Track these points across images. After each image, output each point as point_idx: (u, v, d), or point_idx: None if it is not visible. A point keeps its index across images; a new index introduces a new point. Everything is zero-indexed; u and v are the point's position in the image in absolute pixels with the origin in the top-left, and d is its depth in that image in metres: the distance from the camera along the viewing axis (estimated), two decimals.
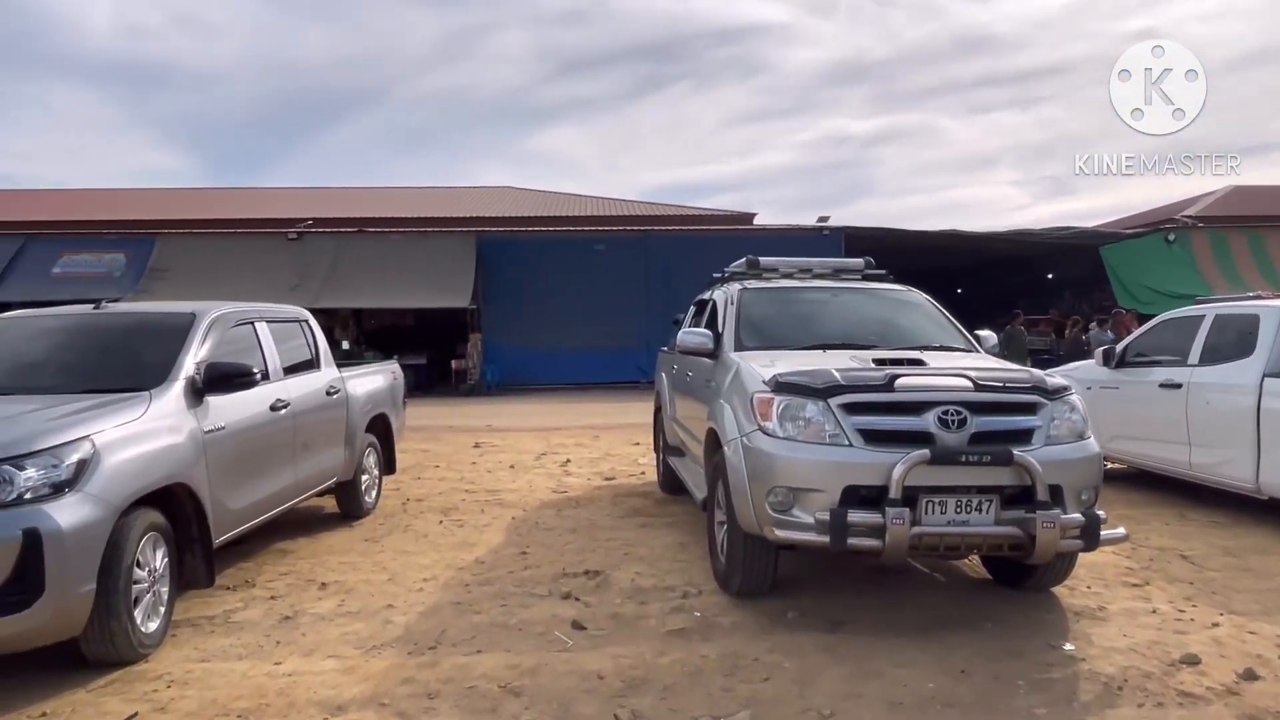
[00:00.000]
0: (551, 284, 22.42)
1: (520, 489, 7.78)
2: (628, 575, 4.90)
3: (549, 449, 10.28)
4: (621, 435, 11.38)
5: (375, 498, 6.89)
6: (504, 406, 16.83)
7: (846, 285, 5.78)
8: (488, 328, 22.06)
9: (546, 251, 22.78)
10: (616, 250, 22.87)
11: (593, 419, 13.56)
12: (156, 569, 3.79)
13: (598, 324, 22.47)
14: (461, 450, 10.29)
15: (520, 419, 13.99)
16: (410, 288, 21.06)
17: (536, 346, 22.32)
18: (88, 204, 27.05)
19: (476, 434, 11.77)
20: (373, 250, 22.07)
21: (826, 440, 3.76)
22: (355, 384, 6.47)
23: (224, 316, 4.85)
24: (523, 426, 12.73)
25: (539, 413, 15.16)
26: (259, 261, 21.28)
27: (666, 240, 23.22)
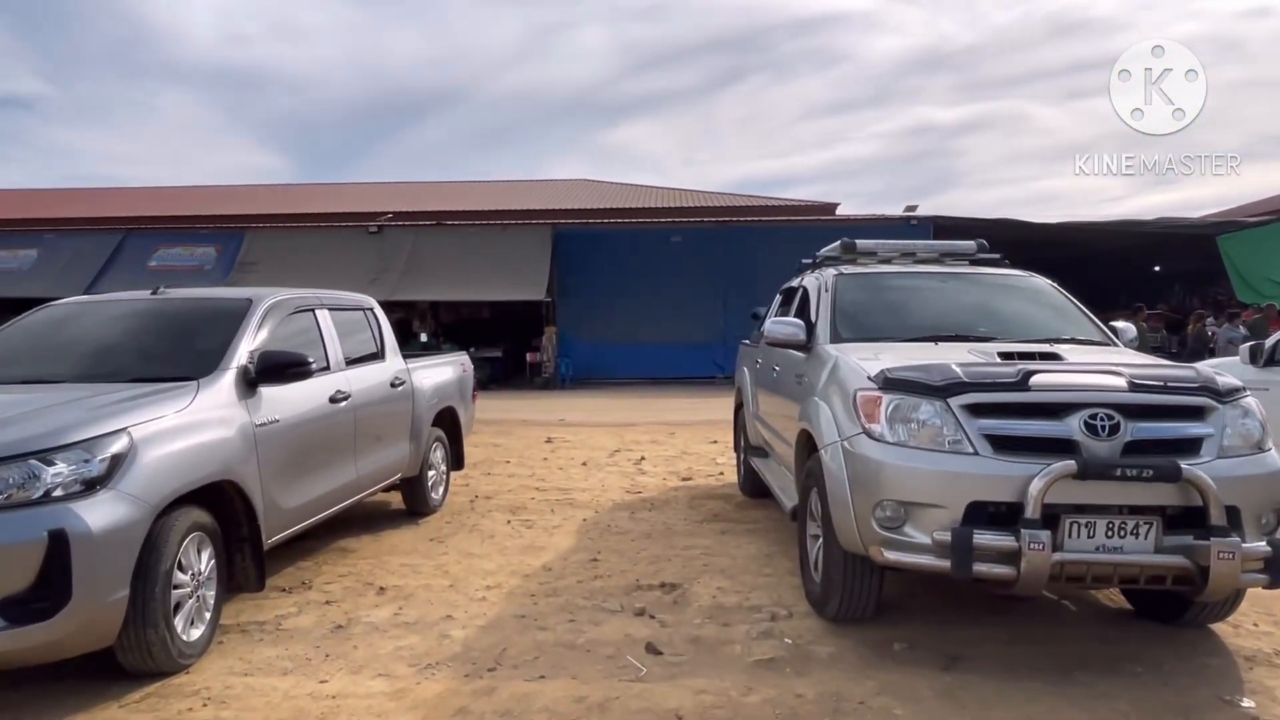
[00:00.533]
0: (627, 276, 22.07)
1: (592, 488, 7.39)
2: (708, 590, 4.43)
3: (623, 446, 9.88)
4: (698, 432, 10.89)
5: (442, 494, 6.61)
6: (578, 400, 16.55)
7: (956, 271, 5.15)
8: (563, 321, 21.86)
9: (622, 243, 22.43)
10: (694, 242, 22.34)
11: (669, 415, 13.11)
12: (201, 572, 3.52)
13: (674, 317, 22.01)
14: (533, 446, 9.99)
15: (594, 413, 13.66)
16: (486, 280, 21.04)
17: (612, 340, 22.02)
18: (182, 200, 28.09)
19: (549, 429, 11.48)
20: (450, 243, 22.14)
21: (946, 447, 3.21)
22: (422, 376, 6.18)
23: (281, 303, 4.58)
24: (597, 421, 12.38)
25: (613, 407, 14.81)
26: (341, 254, 21.61)
27: (745, 231, 22.57)
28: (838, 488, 3.46)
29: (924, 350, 3.99)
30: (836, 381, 3.82)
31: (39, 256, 21.82)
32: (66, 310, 4.59)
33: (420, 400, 6.01)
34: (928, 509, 3.15)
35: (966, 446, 3.18)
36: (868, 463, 3.32)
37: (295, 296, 4.79)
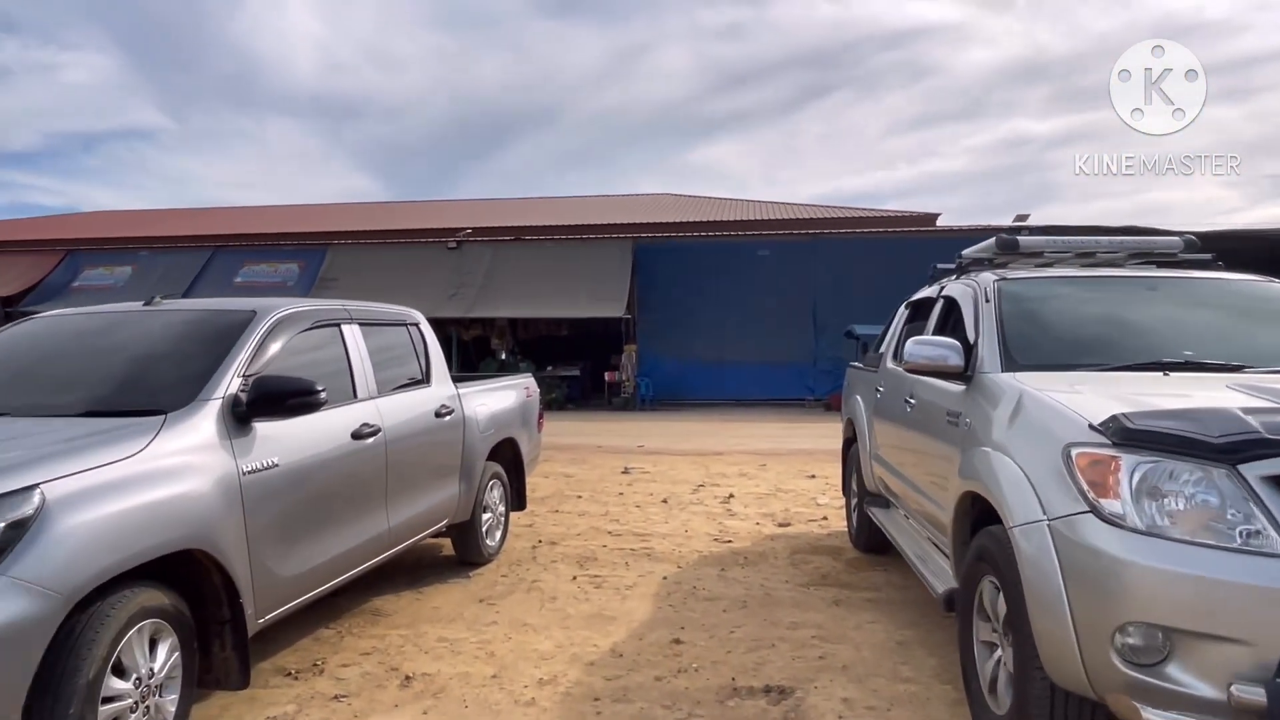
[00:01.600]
0: (711, 292, 21.03)
1: (673, 533, 6.34)
2: (830, 703, 3.30)
3: (708, 479, 8.80)
4: (792, 465, 9.71)
5: (500, 540, 5.68)
6: (658, 424, 15.54)
7: (1165, 275, 3.90)
8: (643, 338, 20.96)
9: (706, 257, 21.42)
10: (782, 256, 21.14)
11: (757, 443, 11.95)
12: (155, 673, 2.63)
13: (761, 336, 20.83)
14: (608, 477, 9.01)
15: (675, 439, 12.61)
16: (565, 296, 20.36)
17: (694, 359, 20.98)
18: (270, 218, 28.57)
19: (627, 456, 10.49)
20: (528, 257, 21.58)
21: (1236, 541, 2.04)
22: (476, 403, 5.27)
23: (294, 316, 3.72)
24: (678, 449, 11.32)
25: (696, 433, 13.73)
26: (420, 270, 21.33)
27: (838, 244, 21.21)
28: (1046, 593, 2.31)
29: (1149, 383, 2.81)
30: (1029, 428, 2.67)
31: (133, 273, 22.31)
32: (42, 325, 3.86)
33: (473, 432, 5.11)
34: (1215, 643, 1.98)
35: (1274, 541, 2.00)
36: (1101, 559, 2.16)
37: (315, 308, 3.93)
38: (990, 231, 16.90)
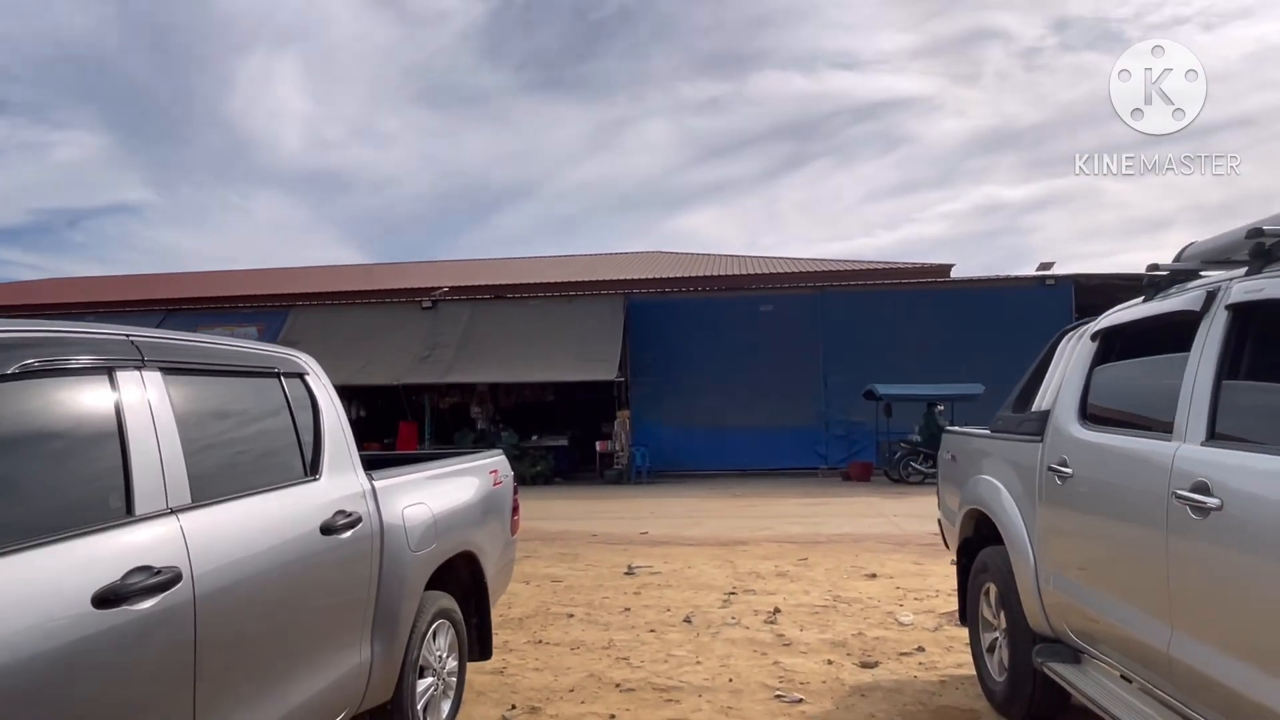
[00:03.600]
0: (711, 352, 19.22)
1: (711, 684, 4.29)
2: None
3: (738, 580, 6.75)
4: (840, 558, 7.68)
5: (449, 715, 3.62)
6: (659, 501, 13.47)
7: None
8: (638, 404, 19.01)
9: (704, 314, 19.67)
10: (787, 311, 19.42)
11: (784, 525, 9.91)
12: None
13: (767, 399, 18.95)
14: (608, 579, 6.94)
15: (685, 522, 10.55)
16: (550, 359, 18.47)
17: (694, 426, 19.02)
18: (229, 282, 26.73)
19: (628, 548, 8.43)
20: (510, 317, 19.76)
21: None
22: (406, 501, 3.29)
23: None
24: (690, 536, 9.26)
25: (706, 512, 11.67)
26: (391, 331, 19.45)
27: (847, 297, 19.55)
28: None
29: None
30: None
31: None
32: None
33: (398, 551, 3.11)
34: None
35: None
36: None
37: (44, 334, 1.96)
38: (1007, 284, 15.46)
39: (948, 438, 4.84)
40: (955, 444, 4.62)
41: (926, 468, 15.31)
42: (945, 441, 4.84)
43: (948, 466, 4.72)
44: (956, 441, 4.62)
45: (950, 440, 4.76)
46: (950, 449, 4.68)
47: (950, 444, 4.72)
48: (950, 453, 4.67)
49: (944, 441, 4.88)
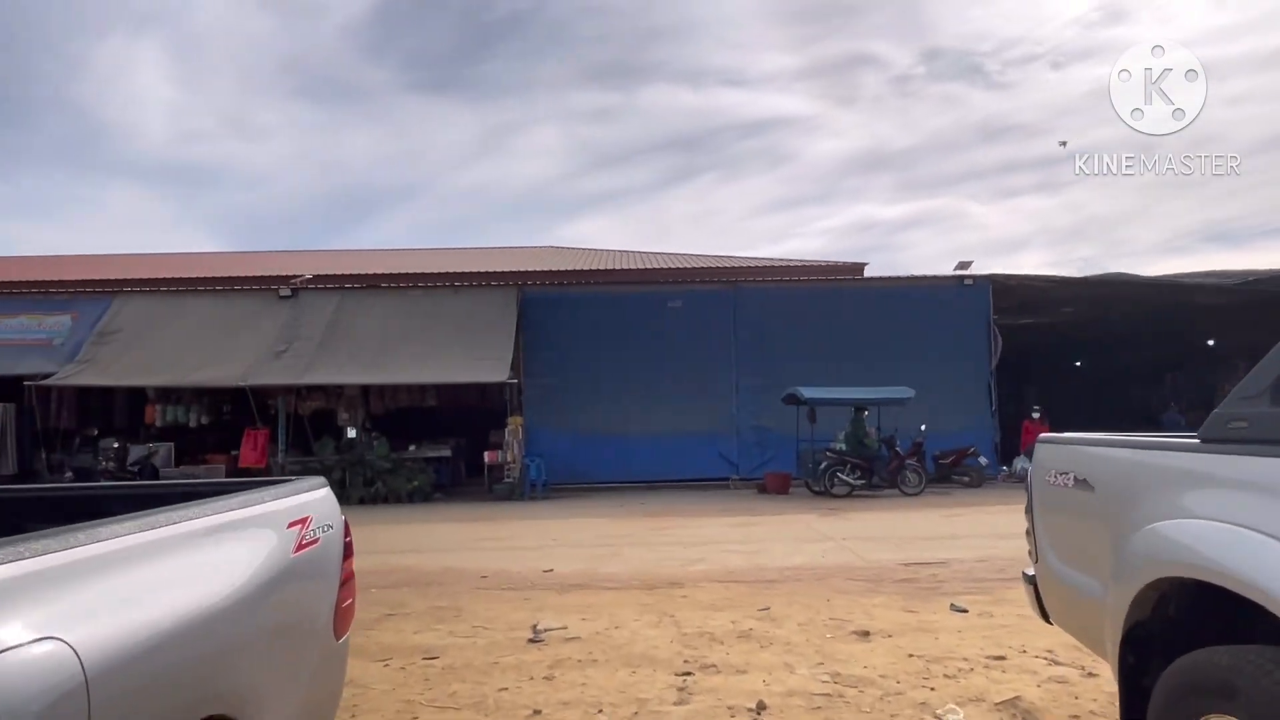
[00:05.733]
0: (614, 352, 17.34)
1: None
2: None
3: (688, 648, 4.84)
4: (808, 602, 5.91)
5: None
6: (562, 523, 11.43)
7: None
8: (532, 409, 16.90)
9: (607, 310, 17.77)
10: (698, 308, 17.79)
11: (720, 554, 8.11)
12: None
13: (675, 403, 17.23)
14: (505, 652, 4.88)
15: (597, 553, 8.58)
16: (432, 357, 16.11)
17: (594, 433, 17.07)
18: (42, 268, 22.79)
19: (531, 595, 6.38)
20: (385, 309, 17.24)
21: None
22: (19, 627, 1.17)
23: None
24: (609, 575, 7.30)
25: (621, 537, 9.73)
26: (240, 324, 16.54)
27: (763, 294, 18.13)
28: None
29: None
30: None
31: None
32: None
33: None
34: None
35: None
36: None
37: None
38: (925, 283, 14.27)
39: (1059, 450, 3.08)
40: (1086, 460, 2.86)
41: (854, 479, 13.94)
42: (1053, 457, 3.09)
43: (1061, 498, 2.97)
44: (1089, 457, 2.86)
45: (1067, 454, 3.00)
46: (1070, 466, 2.92)
47: (1069, 459, 2.96)
48: (1068, 473, 2.92)
49: (1048, 456, 3.13)
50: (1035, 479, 3.19)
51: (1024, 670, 4.36)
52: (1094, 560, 2.74)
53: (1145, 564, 2.41)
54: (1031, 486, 3.22)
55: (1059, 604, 3.06)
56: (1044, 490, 3.11)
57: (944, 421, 16.18)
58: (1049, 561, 3.04)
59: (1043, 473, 3.11)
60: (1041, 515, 3.13)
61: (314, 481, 2.54)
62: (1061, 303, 20.01)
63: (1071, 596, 2.90)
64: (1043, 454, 3.16)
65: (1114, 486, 2.66)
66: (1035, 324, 21.23)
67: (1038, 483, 3.16)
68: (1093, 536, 2.75)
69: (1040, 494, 3.15)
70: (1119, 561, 2.53)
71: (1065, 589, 2.95)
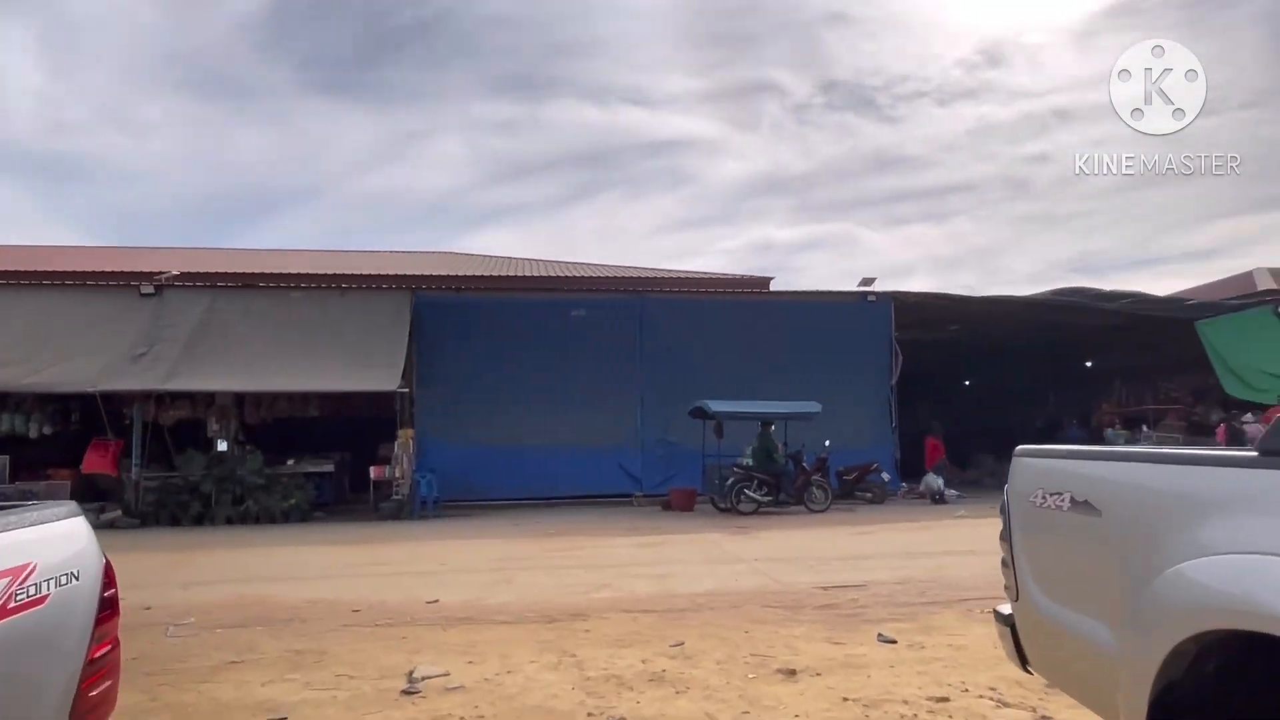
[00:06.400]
0: (513, 362, 16.48)
1: None
2: None
3: (593, 697, 4.13)
4: (725, 635, 5.30)
5: None
6: (452, 544, 10.50)
7: None
8: (425, 420, 15.83)
9: (507, 318, 16.93)
10: (602, 318, 17.15)
11: (627, 579, 7.43)
12: None
13: (577, 416, 16.50)
14: (372, 708, 4.04)
15: (490, 579, 7.76)
16: (316, 364, 14.85)
17: (491, 446, 16.12)
18: None
19: (409, 633, 5.52)
20: (264, 310, 15.81)
21: None
22: None
23: None
24: (502, 606, 6.50)
25: (517, 560, 8.92)
26: (92, 324, 14.78)
27: (669, 305, 17.66)
28: None
29: None
30: None
31: None
32: None
33: None
34: None
35: None
36: None
37: None
38: (830, 298, 13.83)
39: (1050, 465, 2.56)
40: (1090, 478, 2.33)
41: (761, 495, 13.56)
42: (1040, 474, 2.57)
43: (1052, 523, 2.45)
44: (1094, 474, 2.33)
45: (1062, 471, 2.48)
46: (1066, 485, 2.39)
47: (1065, 476, 2.43)
48: (1061, 493, 2.39)
49: (1032, 473, 2.61)
50: (1014, 500, 2.67)
51: (971, 714, 3.87)
52: (1100, 600, 2.21)
53: (1186, 612, 1.88)
54: (1009, 509, 2.70)
55: (1047, 651, 2.53)
56: (1028, 514, 2.58)
57: (846, 437, 16.08)
58: (1034, 599, 2.52)
59: (1025, 492, 2.59)
60: (1024, 544, 2.61)
61: (55, 509, 1.73)
62: (950, 321, 20.39)
63: (1066, 643, 2.37)
64: (1025, 470, 2.65)
65: (1131, 510, 2.15)
66: (927, 342, 21.65)
67: (1018, 504, 2.64)
68: (1099, 571, 2.23)
69: (1022, 518, 2.62)
70: (1143, 606, 2.00)
71: (1056, 633, 2.42)
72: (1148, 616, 1.98)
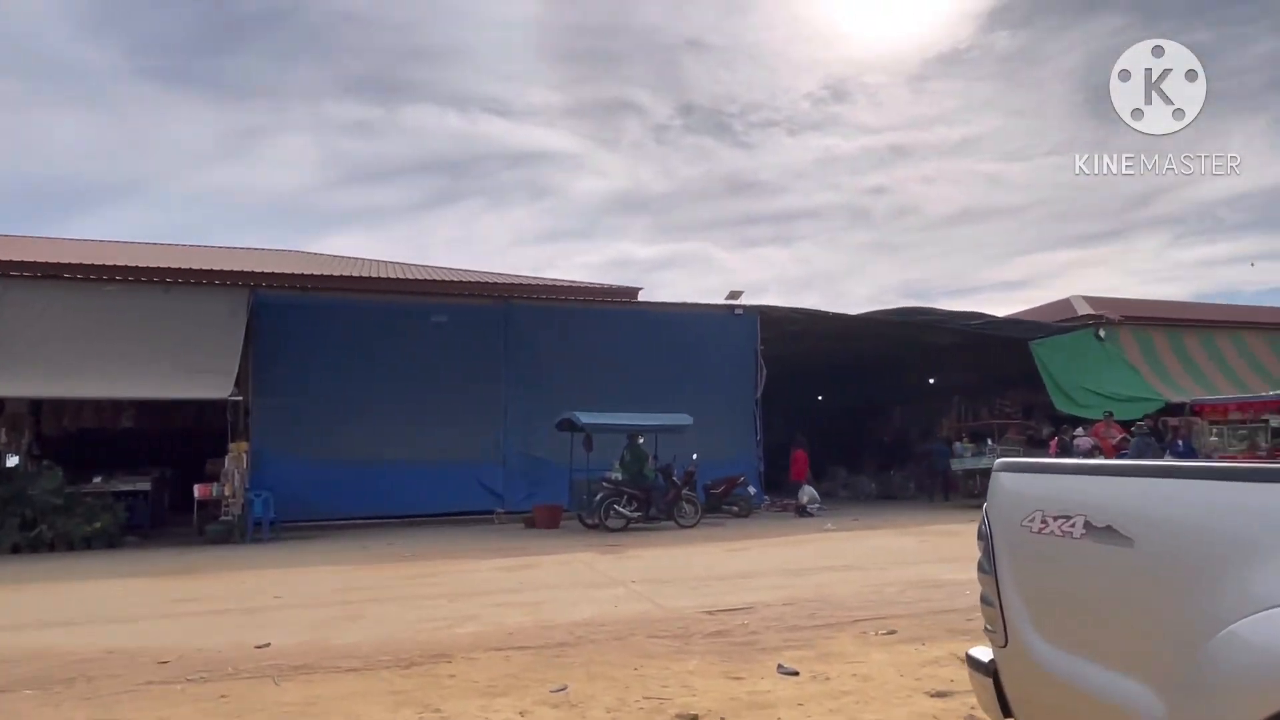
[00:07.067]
0: (365, 370, 15.25)
1: None
2: None
3: None
4: (614, 673, 4.69)
5: None
6: (291, 573, 9.30)
7: None
8: (262, 432, 14.31)
9: (358, 322, 15.65)
10: (465, 325, 16.21)
11: (495, 609, 6.65)
12: None
13: (435, 428, 15.44)
14: None
15: (334, 614, 6.77)
16: (132, 368, 13.07)
17: (339, 460, 14.78)
18: None
19: (227, 690, 4.54)
20: (67, 306, 13.80)
21: None
22: None
23: None
24: (348, 648, 5.58)
25: (367, 589, 7.92)
26: None
27: (535, 312, 16.94)
28: None
29: None
30: None
31: None
32: None
33: None
34: None
35: None
36: None
37: None
38: (698, 310, 13.39)
39: (1052, 482, 2.13)
40: (1118, 497, 1.90)
41: (630, 510, 13.06)
42: (1038, 491, 2.13)
43: (1058, 553, 2.00)
44: (1125, 493, 1.90)
45: (1073, 488, 2.04)
46: (1079, 507, 1.95)
47: (1079, 495, 1.99)
48: (1071, 516, 1.96)
49: (1027, 490, 2.17)
50: (999, 524, 2.23)
51: None
52: (1133, 652, 1.78)
53: (1272, 682, 1.45)
54: (991, 535, 2.26)
55: (1050, 711, 2.08)
56: (1020, 541, 2.14)
57: (712, 450, 15.94)
58: (1030, 646, 2.07)
59: (1016, 515, 2.14)
60: (1016, 578, 2.16)
61: None
62: (809, 336, 20.81)
63: (1081, 703, 1.93)
64: (1015, 488, 2.21)
65: (1180, 540, 1.72)
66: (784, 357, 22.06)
67: (1005, 530, 2.20)
68: (1132, 615, 1.79)
69: (1013, 547, 2.18)
70: (1205, 665, 1.57)
71: (1065, 689, 1.98)
72: (1213, 680, 1.55)
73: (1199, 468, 1.83)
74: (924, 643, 5.33)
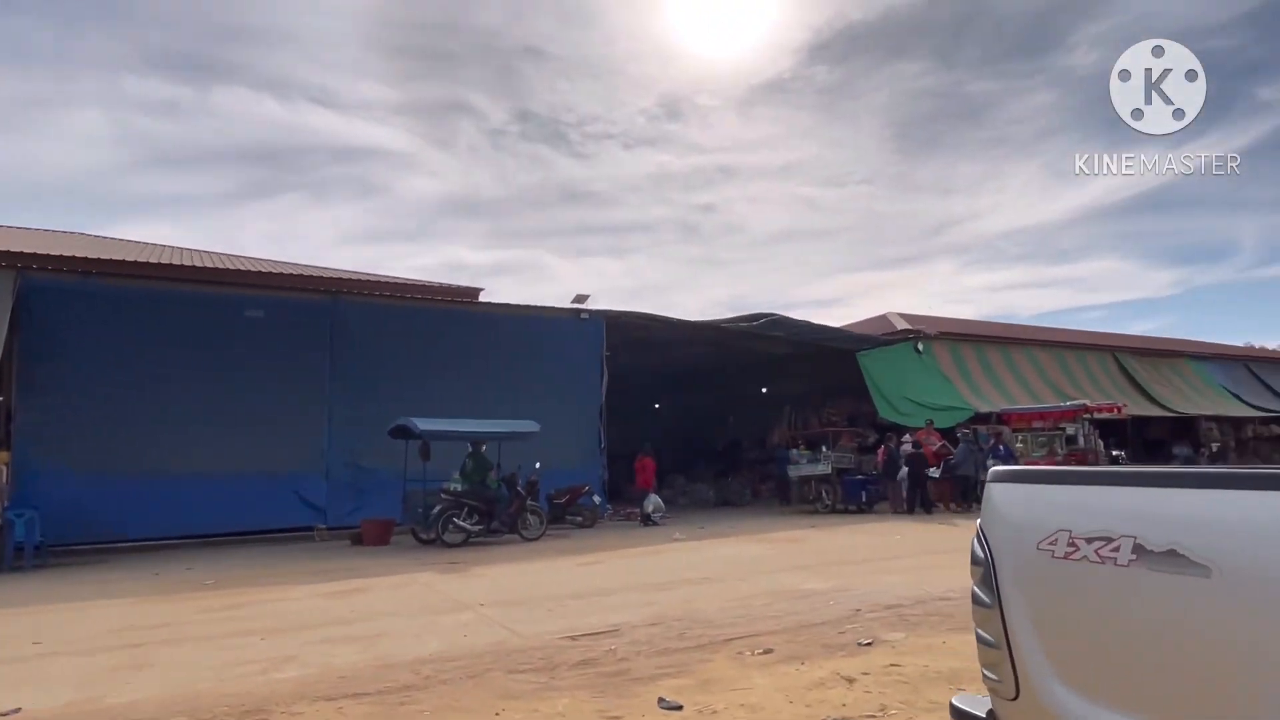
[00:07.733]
0: (159, 369, 13.38)
1: None
2: None
3: None
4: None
5: None
6: (56, 610, 7.73)
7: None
8: (27, 440, 12.17)
9: (157, 313, 13.73)
10: (284, 319, 14.65)
11: (321, 646, 5.70)
12: None
13: (246, 435, 13.83)
14: None
15: (112, 664, 5.55)
16: None
17: (126, 473, 12.86)
18: None
19: None
20: None
21: None
22: None
23: None
24: (125, 709, 4.49)
25: (158, 630, 6.63)
26: None
27: (366, 310, 15.63)
28: None
29: None
30: None
31: None
32: None
33: None
34: None
35: None
36: None
37: None
38: (542, 313, 12.66)
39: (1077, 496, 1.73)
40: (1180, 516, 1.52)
41: (471, 524, 12.17)
42: (1059, 509, 1.73)
43: (1091, 584, 1.61)
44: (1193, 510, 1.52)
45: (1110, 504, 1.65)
46: (1122, 526, 1.57)
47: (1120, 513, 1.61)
48: (1113, 538, 1.58)
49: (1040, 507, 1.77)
50: (1004, 548, 1.82)
51: None
52: (1216, 709, 1.40)
53: None
54: (994, 559, 1.84)
55: None
56: (1038, 569, 1.73)
57: (556, 458, 15.38)
58: (1051, 700, 1.66)
59: (1031, 534, 1.74)
60: (1031, 615, 1.75)
61: None
62: (650, 344, 20.73)
63: None
64: (1025, 503, 1.81)
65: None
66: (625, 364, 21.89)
67: (1014, 555, 1.79)
68: (1215, 661, 1.41)
69: (1026, 576, 1.77)
70: None
71: None
72: None
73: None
74: (803, 662, 5.03)
